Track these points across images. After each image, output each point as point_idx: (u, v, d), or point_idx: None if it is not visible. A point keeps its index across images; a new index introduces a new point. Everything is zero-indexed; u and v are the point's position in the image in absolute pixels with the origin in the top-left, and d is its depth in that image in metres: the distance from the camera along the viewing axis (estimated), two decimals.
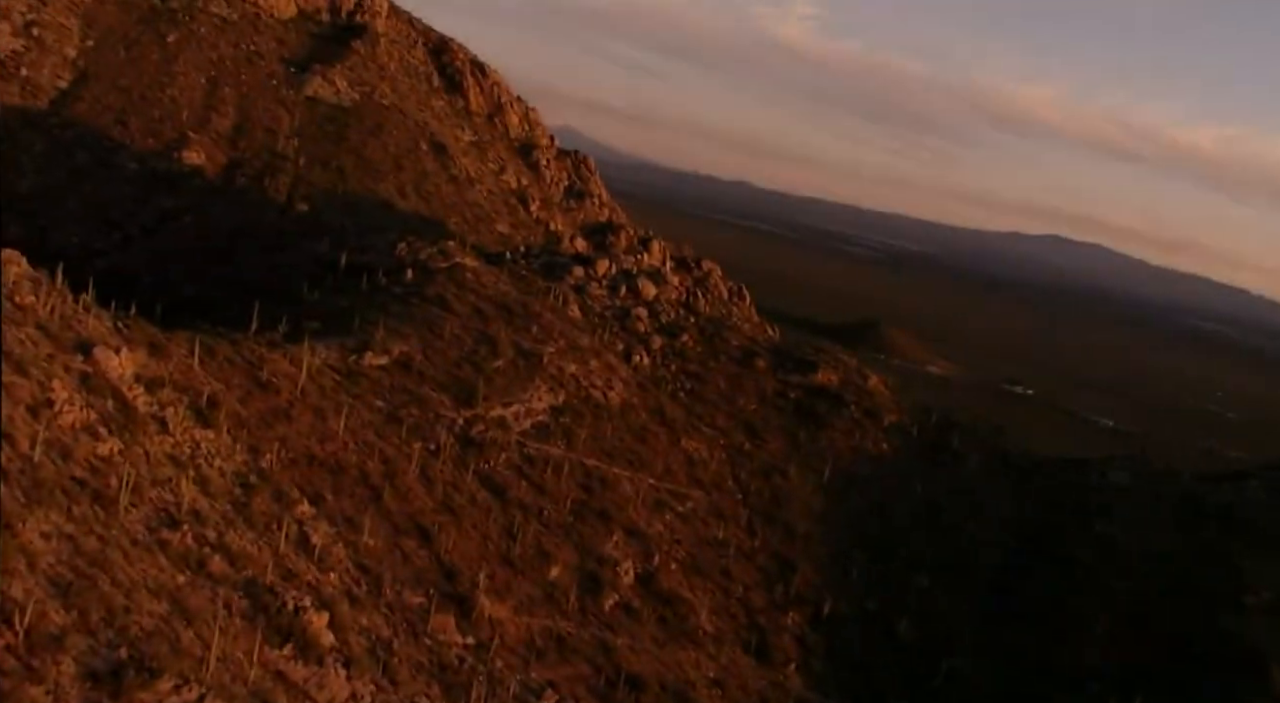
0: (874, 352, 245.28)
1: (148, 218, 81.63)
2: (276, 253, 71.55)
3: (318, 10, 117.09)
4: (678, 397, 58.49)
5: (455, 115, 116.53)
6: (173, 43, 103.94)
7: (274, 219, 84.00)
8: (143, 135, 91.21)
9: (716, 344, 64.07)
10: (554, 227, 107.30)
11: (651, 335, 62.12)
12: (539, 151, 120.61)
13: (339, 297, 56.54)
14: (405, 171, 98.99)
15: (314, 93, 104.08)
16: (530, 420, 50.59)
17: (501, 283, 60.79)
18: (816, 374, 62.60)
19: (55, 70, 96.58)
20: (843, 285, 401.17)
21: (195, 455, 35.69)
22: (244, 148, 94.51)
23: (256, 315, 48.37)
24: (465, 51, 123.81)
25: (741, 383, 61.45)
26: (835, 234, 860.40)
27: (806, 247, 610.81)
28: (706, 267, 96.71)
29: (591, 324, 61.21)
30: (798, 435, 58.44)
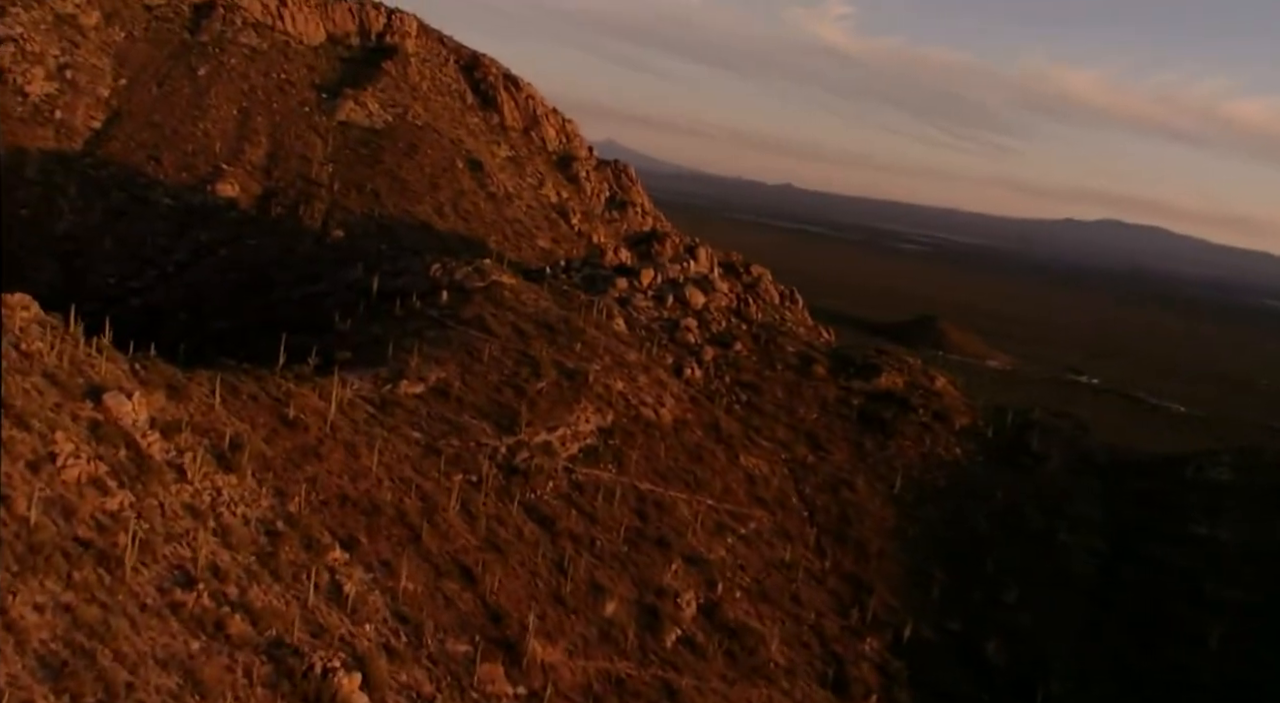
0: (932, 349, 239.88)
1: (183, 253, 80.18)
2: (311, 282, 69.53)
3: (347, 34, 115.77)
4: (733, 410, 55.18)
5: (490, 131, 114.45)
6: (204, 76, 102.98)
7: (310, 247, 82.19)
8: (176, 170, 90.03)
9: (771, 352, 60.68)
10: (597, 239, 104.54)
11: (702, 346, 58.93)
12: (578, 163, 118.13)
13: (372, 324, 54.09)
14: (442, 191, 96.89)
15: (346, 117, 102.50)
16: (578, 444, 47.63)
17: (542, 300, 57.98)
18: (880, 378, 58.95)
19: (89, 111, 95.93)
20: (895, 283, 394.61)
21: (216, 504, 33.07)
22: (278, 177, 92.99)
23: (284, 348, 45.97)
24: (497, 66, 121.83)
25: (800, 392, 57.99)
26: (885, 232, 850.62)
27: (856, 246, 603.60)
28: (756, 271, 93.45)
29: (638, 338, 58.17)
30: (864, 445, 54.84)
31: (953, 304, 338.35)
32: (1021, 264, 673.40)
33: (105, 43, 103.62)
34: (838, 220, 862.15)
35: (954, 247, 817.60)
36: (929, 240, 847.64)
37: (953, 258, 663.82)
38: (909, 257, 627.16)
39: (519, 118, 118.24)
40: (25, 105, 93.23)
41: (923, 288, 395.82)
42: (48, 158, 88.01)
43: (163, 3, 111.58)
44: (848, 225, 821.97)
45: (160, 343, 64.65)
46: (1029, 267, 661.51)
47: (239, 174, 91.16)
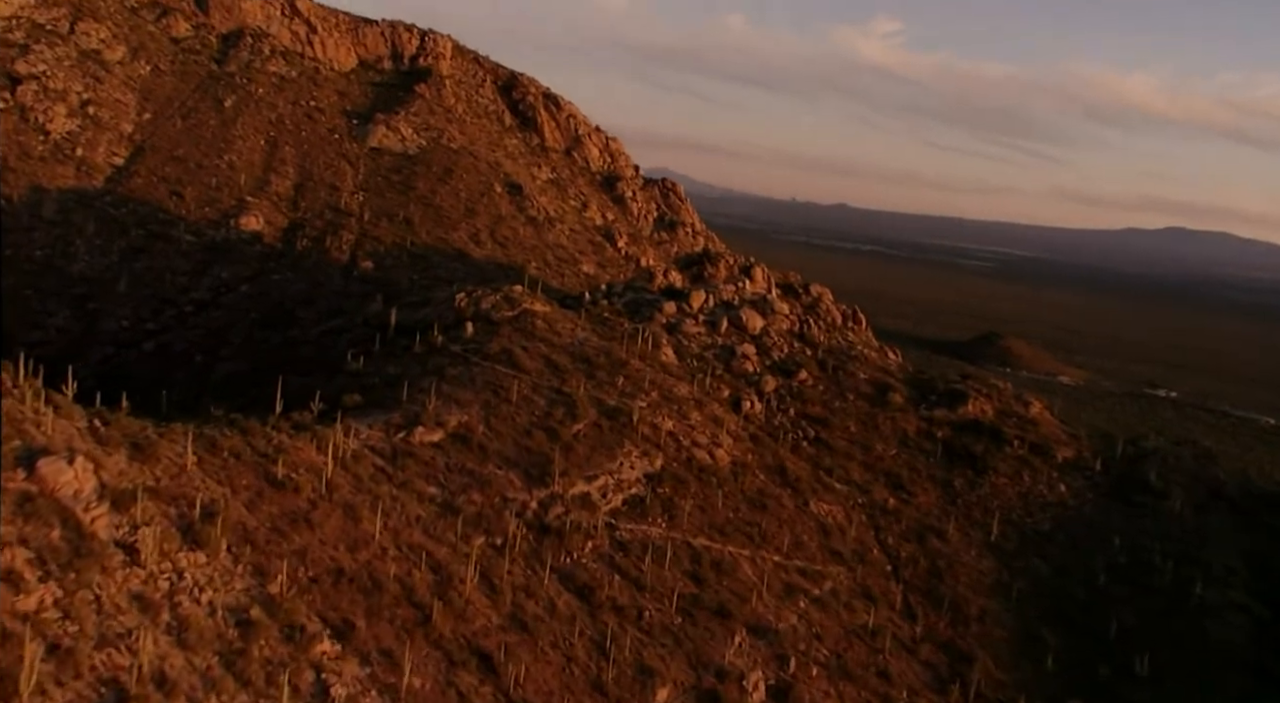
0: (998, 365, 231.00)
1: (203, 292, 75.28)
2: (331, 318, 64.06)
3: (379, 59, 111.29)
4: (800, 448, 48.31)
5: (530, 153, 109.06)
6: (230, 107, 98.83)
7: (337, 281, 76.94)
8: (199, 205, 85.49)
9: (841, 380, 53.76)
10: (645, 261, 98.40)
11: (762, 376, 52.17)
12: (623, 183, 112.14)
13: (387, 363, 48.14)
14: (479, 217, 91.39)
15: (378, 143, 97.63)
16: (621, 495, 41.09)
17: (579, 329, 51.66)
18: (966, 406, 51.71)
19: (111, 147, 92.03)
20: (956, 299, 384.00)
21: (175, 591, 26.92)
22: (305, 208, 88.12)
23: (280, 394, 40.10)
24: (536, 85, 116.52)
25: (876, 424, 50.95)
26: (942, 248, 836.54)
27: (913, 263, 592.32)
28: (816, 291, 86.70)
29: (689, 369, 51.61)
30: (952, 484, 47.62)
31: (1017, 319, 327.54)
32: (1084, 276, 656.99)
33: (130, 77, 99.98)
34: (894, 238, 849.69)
35: (1013, 260, 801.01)
36: (987, 255, 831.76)
37: (1013, 272, 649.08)
38: (968, 272, 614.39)
39: (560, 138, 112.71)
40: (46, 144, 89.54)
41: (985, 303, 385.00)
42: (66, 197, 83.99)
43: (190, 35, 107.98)
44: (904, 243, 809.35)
45: (166, 388, 59.75)
46: (1092, 278, 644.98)
47: (264, 206, 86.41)
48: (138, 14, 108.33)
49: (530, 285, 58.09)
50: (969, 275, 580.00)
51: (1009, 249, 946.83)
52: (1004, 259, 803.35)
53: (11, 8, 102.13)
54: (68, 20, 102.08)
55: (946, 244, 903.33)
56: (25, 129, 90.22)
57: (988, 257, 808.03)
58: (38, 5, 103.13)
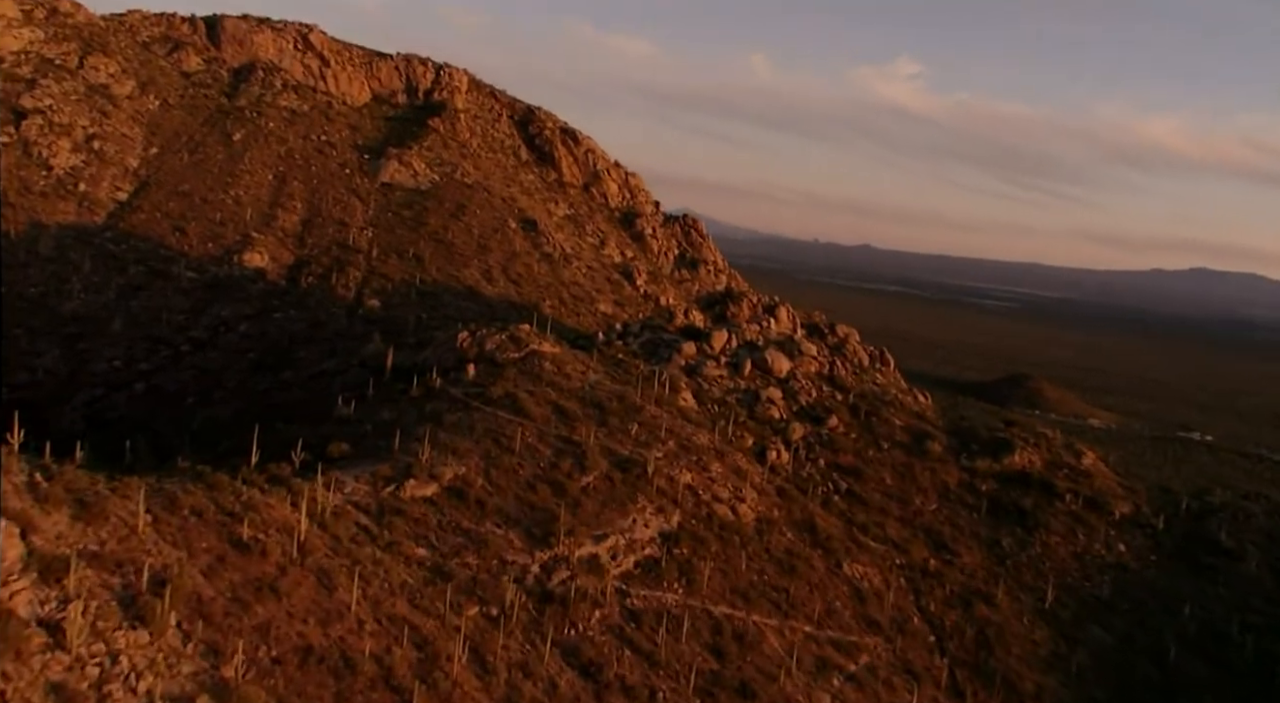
0: (1026, 407, 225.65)
1: (200, 330, 71.96)
2: (331, 359, 60.48)
3: (393, 93, 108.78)
4: (832, 503, 44.07)
5: (547, 188, 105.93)
6: (239, 141, 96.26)
7: (340, 320, 73.45)
8: (201, 241, 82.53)
9: (874, 427, 49.56)
10: (665, 300, 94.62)
11: (789, 423, 48.06)
12: (643, 220, 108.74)
13: (381, 408, 44.32)
14: (492, 253, 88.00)
15: (390, 178, 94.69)
16: (633, 557, 36.94)
17: (591, 371, 47.75)
18: (1012, 456, 47.38)
19: (115, 182, 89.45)
20: (982, 341, 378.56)
21: (106, 678, 22.85)
22: (311, 244, 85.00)
23: (256, 444, 36.33)
24: (554, 119, 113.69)
25: (914, 476, 46.69)
26: (966, 289, 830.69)
27: (938, 304, 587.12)
28: (843, 331, 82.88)
29: (710, 415, 47.57)
30: (999, 544, 43.23)
31: (1043, 360, 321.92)
32: (1110, 316, 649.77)
33: (138, 112, 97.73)
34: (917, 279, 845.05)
35: (1038, 301, 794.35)
36: (1011, 296, 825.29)
37: (1037, 313, 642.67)
38: (992, 313, 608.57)
39: (578, 173, 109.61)
40: (48, 179, 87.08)
41: (1010, 344, 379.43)
42: (65, 233, 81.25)
43: (201, 69, 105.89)
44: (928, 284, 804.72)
45: (154, 432, 56.26)
46: (1118, 319, 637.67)
47: (269, 242, 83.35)
48: (149, 48, 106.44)
49: (541, 325, 54.35)
50: (993, 316, 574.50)
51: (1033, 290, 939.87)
52: (1028, 300, 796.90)
53: (21, 42, 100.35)
54: (77, 55, 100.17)
55: (970, 285, 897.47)
56: (28, 164, 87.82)
57: (1011, 297, 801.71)
58: (48, 40, 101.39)
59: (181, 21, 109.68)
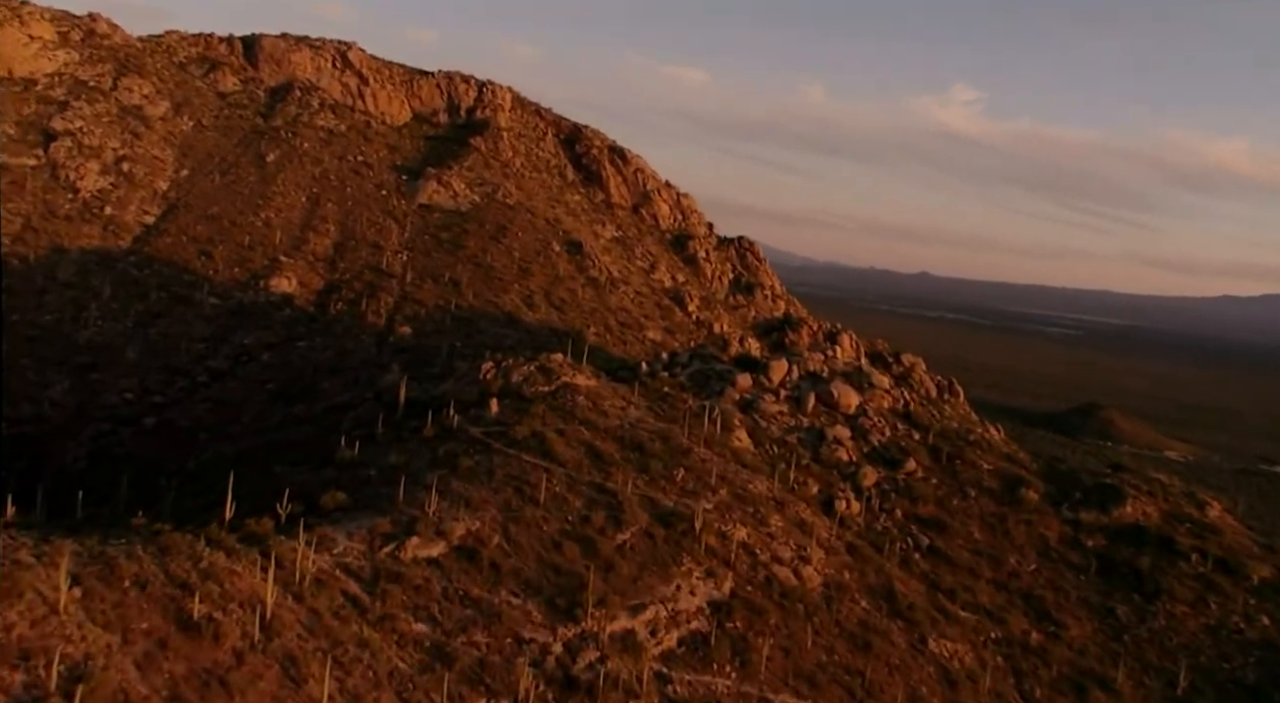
0: (1098, 439, 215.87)
1: (220, 360, 67.29)
2: (356, 389, 55.27)
3: (434, 112, 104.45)
4: (912, 563, 37.56)
5: (594, 209, 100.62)
6: (272, 162, 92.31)
7: (369, 349, 68.42)
8: (228, 265, 78.19)
9: (959, 470, 42.96)
10: (719, 327, 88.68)
11: (860, 467, 41.65)
12: (695, 243, 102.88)
13: (390, 449, 38.72)
14: (534, 278, 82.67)
15: (428, 199, 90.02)
16: (676, 633, 30.78)
17: (631, 407, 41.81)
18: (1123, 506, 40.49)
19: (142, 206, 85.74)
20: (1047, 369, 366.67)
21: None
22: (343, 269, 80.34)
23: (231, 495, 30.91)
24: (601, 138, 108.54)
25: (1007, 530, 40.01)
26: (1027, 316, 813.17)
27: (999, 332, 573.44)
28: (908, 361, 76.39)
29: (768, 458, 41.38)
30: (1114, 613, 36.38)
31: (1112, 389, 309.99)
32: (1179, 344, 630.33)
33: (170, 133, 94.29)
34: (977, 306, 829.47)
35: (1103, 328, 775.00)
36: (1075, 323, 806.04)
37: (1103, 341, 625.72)
38: (1057, 341, 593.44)
39: (627, 194, 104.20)
40: (74, 202, 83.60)
41: (1077, 373, 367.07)
42: (88, 258, 77.41)
43: (237, 89, 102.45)
44: (988, 311, 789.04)
45: (149, 474, 51.27)
46: (1187, 346, 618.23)
47: (298, 267, 78.83)
48: (185, 69, 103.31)
49: (579, 354, 48.56)
50: (1057, 344, 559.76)
51: (1097, 317, 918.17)
52: (1092, 327, 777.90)
53: (56, 64, 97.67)
54: (111, 76, 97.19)
55: (1032, 312, 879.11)
56: (54, 187, 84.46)
57: (1075, 325, 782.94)
58: (83, 62, 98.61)
59: (219, 42, 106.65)
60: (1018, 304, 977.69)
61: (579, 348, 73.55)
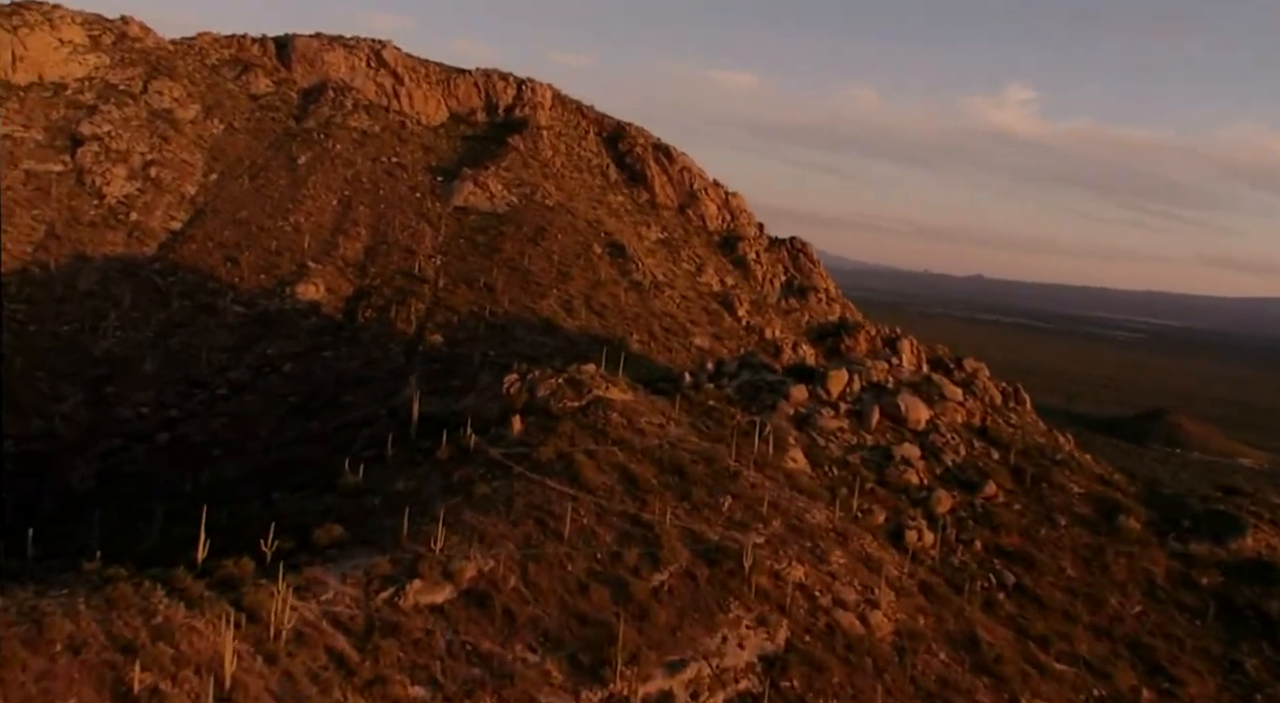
0: (1166, 446, 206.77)
1: (242, 370, 63.71)
2: (372, 404, 51.19)
3: (471, 111, 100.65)
4: (997, 605, 32.45)
5: (638, 210, 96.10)
6: (303, 165, 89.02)
7: (397, 358, 64.50)
8: (254, 272, 74.79)
9: (1045, 494, 37.74)
10: (770, 333, 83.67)
11: (933, 491, 36.60)
12: (745, 244, 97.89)
13: (399, 473, 34.43)
14: (574, 282, 78.32)
15: (464, 201, 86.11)
16: (723, 694, 26.04)
17: (672, 424, 37.13)
18: (1243, 537, 35.02)
19: (169, 211, 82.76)
20: (1108, 373, 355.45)
21: None
22: (374, 274, 76.62)
23: (205, 530, 26.75)
24: (645, 135, 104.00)
25: (1106, 565, 34.71)
26: (1088, 319, 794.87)
27: (1059, 335, 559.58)
28: (970, 366, 70.98)
29: (828, 481, 36.47)
30: (1241, 666, 30.97)
31: (1179, 394, 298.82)
32: (1246, 346, 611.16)
33: (200, 136, 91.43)
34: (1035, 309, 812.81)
35: (1167, 331, 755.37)
36: (1138, 326, 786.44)
37: (1168, 343, 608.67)
38: (1119, 344, 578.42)
39: (672, 193, 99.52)
40: (100, 208, 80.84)
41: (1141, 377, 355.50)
42: (110, 265, 74.50)
43: (270, 91, 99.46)
44: (1047, 314, 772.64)
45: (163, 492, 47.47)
46: (1257, 349, 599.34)
47: (327, 272, 75.20)
48: (217, 72, 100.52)
49: (616, 363, 43.88)
50: (1120, 347, 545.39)
51: (1160, 319, 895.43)
52: (1156, 330, 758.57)
53: (86, 68, 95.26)
54: (141, 80, 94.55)
55: (1092, 315, 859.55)
56: (79, 193, 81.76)
57: (1138, 327, 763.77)
58: (113, 65, 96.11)
59: (252, 43, 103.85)
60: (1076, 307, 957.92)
61: (620, 355, 69.17)
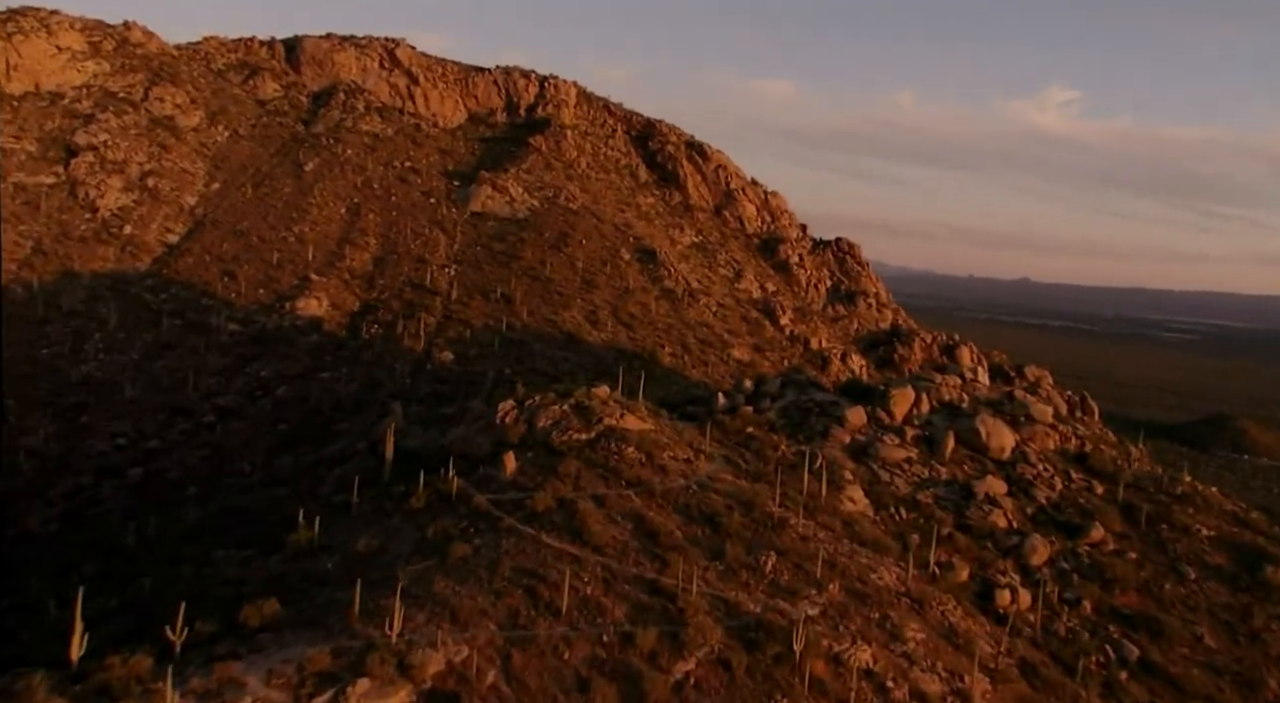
0: (1231, 452, 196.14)
1: (232, 395, 57.64)
2: (355, 434, 44.68)
3: (491, 112, 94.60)
4: (1118, 688, 25.23)
5: (670, 212, 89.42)
6: (311, 171, 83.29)
7: (402, 378, 58.16)
8: (253, 287, 68.95)
9: (1168, 539, 30.48)
10: (817, 343, 76.55)
11: (1026, 537, 29.43)
12: (787, 247, 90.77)
13: (366, 525, 27.87)
14: (599, 291, 71.78)
15: (481, 206, 79.94)
16: None
17: (702, 459, 30.30)
18: None
19: (165, 223, 77.22)
20: (1168, 377, 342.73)
21: None
22: (382, 287, 70.50)
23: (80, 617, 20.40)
24: (678, 133, 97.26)
25: (1254, 631, 27.36)
26: (1139, 321, 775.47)
27: (1110, 338, 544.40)
28: (1033, 374, 63.94)
29: (895, 527, 29.46)
30: None
31: (1240, 397, 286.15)
32: None
33: (203, 145, 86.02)
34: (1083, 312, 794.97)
35: (1223, 332, 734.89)
36: (1191, 327, 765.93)
37: (1224, 345, 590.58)
38: (1174, 346, 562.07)
39: (707, 194, 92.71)
40: (92, 222, 75.44)
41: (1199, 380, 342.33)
42: (99, 282, 68.96)
43: (278, 96, 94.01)
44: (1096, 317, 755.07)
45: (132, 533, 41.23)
46: None
47: (331, 286, 69.21)
48: (223, 76, 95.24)
49: (648, 377, 37.09)
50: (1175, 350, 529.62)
51: (1215, 320, 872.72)
52: (1210, 331, 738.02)
53: (85, 76, 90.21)
54: (143, 87, 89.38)
55: (1143, 317, 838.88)
56: (71, 206, 76.42)
57: (1192, 329, 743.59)
58: (113, 72, 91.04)
59: (260, 45, 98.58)
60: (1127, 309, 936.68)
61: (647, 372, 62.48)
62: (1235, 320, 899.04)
